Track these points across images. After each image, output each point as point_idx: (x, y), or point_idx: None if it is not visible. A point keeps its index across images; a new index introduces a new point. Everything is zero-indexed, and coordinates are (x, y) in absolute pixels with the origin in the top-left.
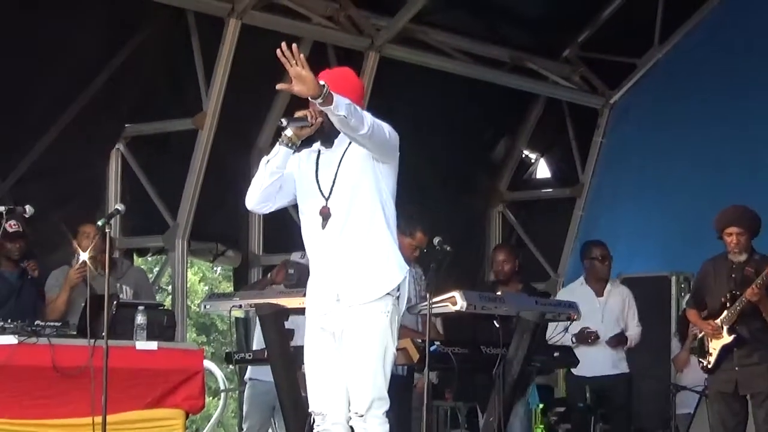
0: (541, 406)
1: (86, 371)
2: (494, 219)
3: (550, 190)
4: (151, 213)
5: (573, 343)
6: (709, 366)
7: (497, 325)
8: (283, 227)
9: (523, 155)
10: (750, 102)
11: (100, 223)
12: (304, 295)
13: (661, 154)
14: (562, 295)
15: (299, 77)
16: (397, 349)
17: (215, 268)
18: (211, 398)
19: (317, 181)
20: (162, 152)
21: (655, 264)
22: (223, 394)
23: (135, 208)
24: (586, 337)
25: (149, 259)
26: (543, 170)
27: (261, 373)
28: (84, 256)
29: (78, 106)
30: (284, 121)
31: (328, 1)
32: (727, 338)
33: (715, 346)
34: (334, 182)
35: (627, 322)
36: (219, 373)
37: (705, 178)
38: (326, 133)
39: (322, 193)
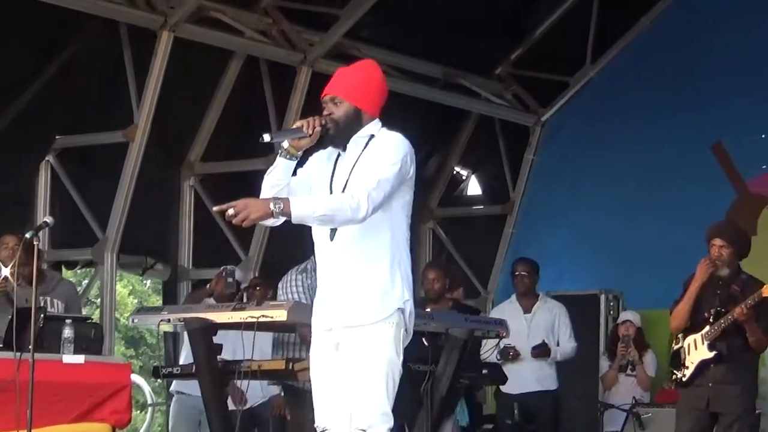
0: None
1: (12, 385)
2: (425, 236)
3: (481, 207)
4: (81, 226)
5: (498, 360)
6: (684, 379)
7: (426, 343)
8: (213, 241)
9: (455, 172)
10: (678, 122)
11: (28, 235)
12: (234, 308)
13: (591, 173)
14: (494, 313)
15: (239, 212)
16: None
17: (145, 282)
18: (138, 412)
19: (330, 188)
20: (92, 165)
21: (585, 282)
22: (150, 408)
23: (64, 221)
24: (507, 354)
25: (78, 271)
26: (474, 187)
27: (187, 387)
28: (5, 271)
29: (8, 118)
30: (267, 137)
31: (262, 15)
32: (706, 353)
33: (692, 360)
34: (344, 191)
35: (558, 337)
36: (146, 387)
37: (635, 197)
38: (333, 139)
39: None
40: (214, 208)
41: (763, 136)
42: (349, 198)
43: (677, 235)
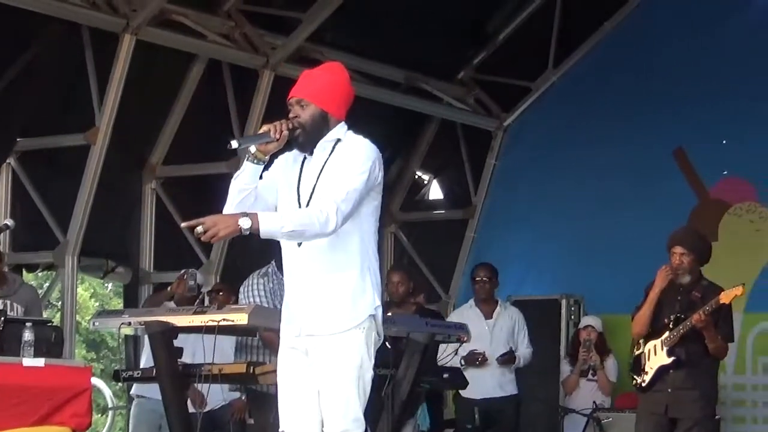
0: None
1: None
2: (387, 240)
3: (443, 211)
4: (42, 228)
5: (462, 365)
6: (644, 384)
7: (388, 346)
8: (175, 244)
9: (416, 176)
10: (640, 127)
11: None
12: (195, 312)
13: (553, 178)
14: (453, 317)
15: (208, 229)
16: None
17: (106, 285)
18: (99, 416)
19: (298, 192)
20: (53, 167)
21: (546, 286)
22: (110, 412)
23: (25, 224)
24: (474, 359)
25: (39, 274)
26: (436, 191)
27: (148, 391)
28: None
29: None
30: (234, 143)
31: (224, 18)
32: (665, 359)
33: (652, 366)
34: (311, 196)
35: (517, 344)
36: (107, 391)
37: (596, 202)
38: (301, 143)
39: (300, 206)
40: (182, 224)
41: (724, 141)
42: (317, 212)
43: (639, 240)
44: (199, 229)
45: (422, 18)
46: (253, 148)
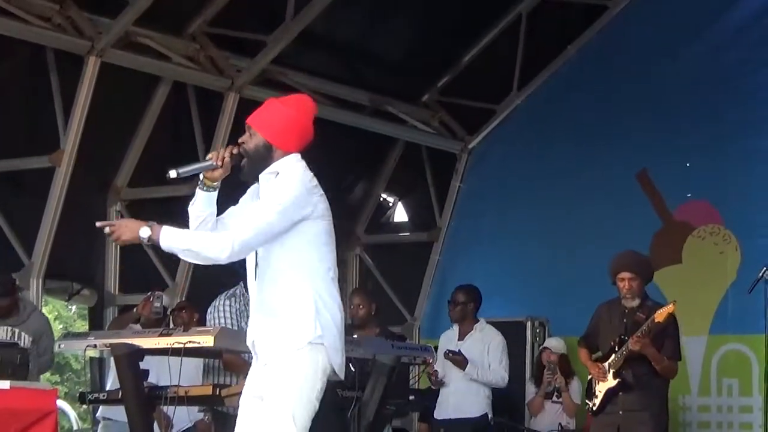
0: None
1: None
2: (351, 262)
3: (408, 234)
4: (6, 250)
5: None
6: (594, 408)
7: (352, 369)
8: (140, 267)
9: (381, 199)
10: (604, 149)
11: None
12: (161, 334)
13: (517, 200)
14: (441, 338)
15: (114, 231)
16: None
17: (70, 307)
18: None
19: None
20: (18, 190)
21: (512, 309)
22: None
23: None
24: (430, 378)
25: None
26: (401, 214)
27: (114, 413)
28: None
29: None
30: (173, 173)
31: (189, 41)
32: (612, 382)
33: (601, 389)
34: None
35: (490, 364)
36: (72, 413)
37: (561, 225)
38: (244, 173)
39: None
40: (97, 223)
41: (687, 164)
42: (217, 238)
43: (603, 262)
44: (107, 230)
45: (387, 41)
46: (201, 176)
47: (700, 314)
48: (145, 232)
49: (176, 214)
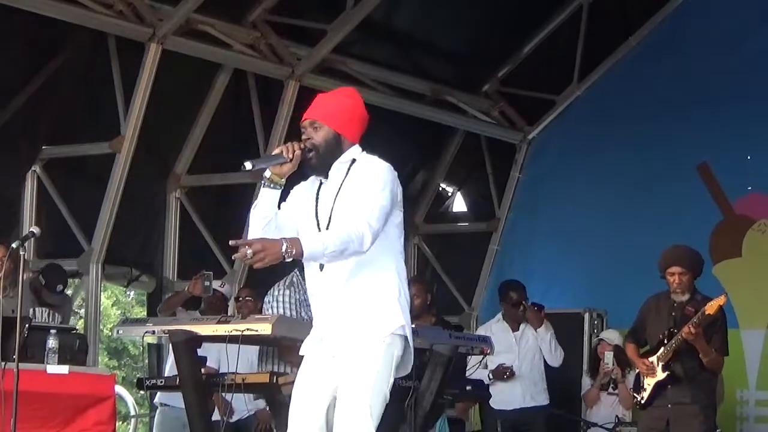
0: None
1: None
2: (410, 251)
3: (466, 224)
4: (66, 236)
5: (490, 379)
6: (643, 401)
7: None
8: (198, 253)
9: (440, 188)
10: (665, 142)
11: (14, 245)
12: (218, 321)
13: (576, 191)
14: (480, 331)
15: (257, 253)
16: None
17: (129, 293)
18: (121, 423)
19: (316, 216)
20: (78, 176)
21: (570, 300)
22: (133, 420)
23: (50, 231)
24: (502, 373)
25: None
26: (459, 204)
27: (171, 399)
28: None
29: None
30: (248, 165)
31: (250, 29)
32: (661, 375)
33: (649, 383)
34: (330, 219)
35: (544, 351)
36: (129, 399)
37: (621, 216)
38: (314, 166)
39: (319, 230)
40: (231, 242)
41: (749, 157)
42: (354, 231)
43: None
44: (249, 252)
45: (448, 31)
46: (267, 172)
47: (759, 308)
48: (288, 250)
49: (235, 201)
